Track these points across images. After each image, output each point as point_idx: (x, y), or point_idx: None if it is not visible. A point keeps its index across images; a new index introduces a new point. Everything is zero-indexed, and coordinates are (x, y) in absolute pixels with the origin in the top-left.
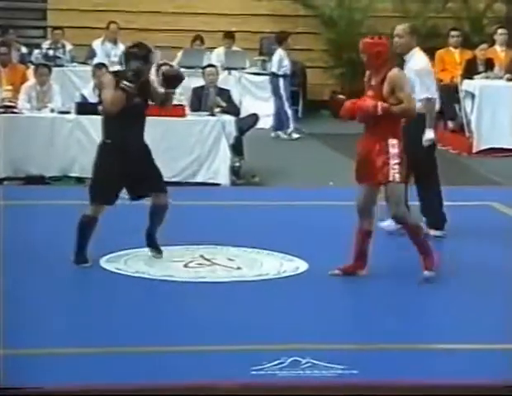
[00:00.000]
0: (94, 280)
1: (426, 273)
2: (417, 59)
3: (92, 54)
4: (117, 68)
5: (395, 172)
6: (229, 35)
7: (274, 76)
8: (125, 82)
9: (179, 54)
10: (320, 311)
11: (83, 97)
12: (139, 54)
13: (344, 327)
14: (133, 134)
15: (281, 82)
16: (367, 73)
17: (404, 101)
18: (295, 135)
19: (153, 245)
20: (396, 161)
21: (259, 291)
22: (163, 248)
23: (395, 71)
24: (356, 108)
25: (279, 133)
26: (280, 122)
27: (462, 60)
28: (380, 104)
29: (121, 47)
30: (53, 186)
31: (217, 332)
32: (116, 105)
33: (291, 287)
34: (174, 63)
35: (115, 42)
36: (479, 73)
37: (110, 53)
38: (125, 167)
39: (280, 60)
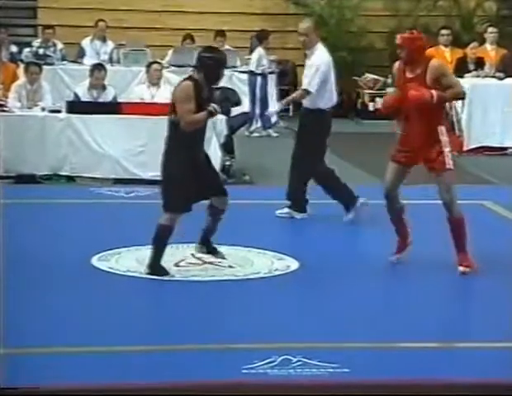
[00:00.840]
0: (86, 278)
1: (461, 268)
2: (317, 56)
3: (82, 53)
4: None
5: (449, 160)
6: (221, 34)
7: (252, 74)
8: (214, 107)
9: (169, 52)
10: (311, 309)
11: (76, 96)
12: (216, 61)
13: (335, 326)
14: (202, 142)
15: (258, 80)
16: (398, 66)
17: (452, 86)
18: (256, 134)
19: (208, 246)
20: (448, 148)
21: (250, 290)
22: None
23: (435, 61)
24: (412, 98)
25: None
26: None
27: (452, 59)
28: (435, 92)
29: (110, 45)
30: (44, 185)
31: (208, 330)
32: (198, 125)
33: (282, 286)
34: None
35: (104, 40)
36: (469, 72)
37: (99, 51)
38: (198, 174)
39: (259, 59)
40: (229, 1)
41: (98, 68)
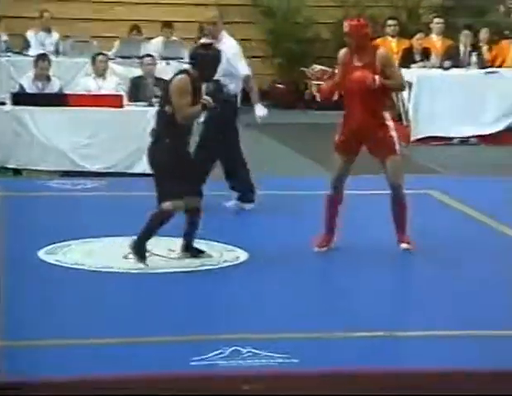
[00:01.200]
0: (33, 272)
1: (404, 245)
2: (228, 43)
3: (27, 44)
4: (53, 57)
5: (397, 144)
6: (168, 25)
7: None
8: (207, 99)
9: (116, 43)
10: (260, 300)
11: (21, 87)
12: (212, 58)
13: (285, 317)
14: (190, 136)
15: None
16: (344, 55)
17: (394, 76)
18: None
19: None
20: (394, 133)
21: (199, 281)
22: (102, 239)
23: (382, 50)
24: (356, 79)
25: None
26: None
27: (398, 49)
28: (377, 77)
29: (56, 36)
30: None
31: (157, 322)
32: (193, 119)
33: (231, 277)
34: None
35: (49, 31)
36: (416, 62)
37: (44, 42)
38: (184, 166)
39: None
40: None
41: (42, 58)
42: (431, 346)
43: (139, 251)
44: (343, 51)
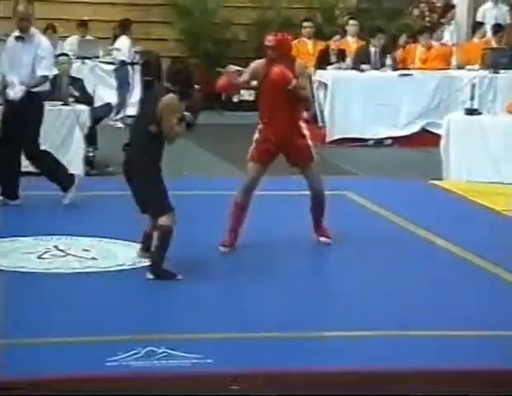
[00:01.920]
0: None
1: (323, 239)
2: (43, 39)
3: None
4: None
5: (314, 152)
6: (83, 24)
7: (123, 64)
8: (188, 116)
9: None
10: (175, 301)
11: None
12: (186, 77)
13: (199, 317)
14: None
15: (130, 70)
16: (261, 66)
17: (306, 89)
18: (120, 125)
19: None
20: (311, 142)
21: (114, 281)
22: (16, 239)
23: (300, 61)
24: (275, 75)
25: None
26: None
27: (314, 51)
28: (294, 79)
29: None
30: None
31: (70, 323)
32: (179, 137)
33: (145, 277)
34: None
35: None
36: (331, 64)
37: None
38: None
39: (129, 48)
40: None
41: None
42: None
43: (166, 273)
44: (259, 63)
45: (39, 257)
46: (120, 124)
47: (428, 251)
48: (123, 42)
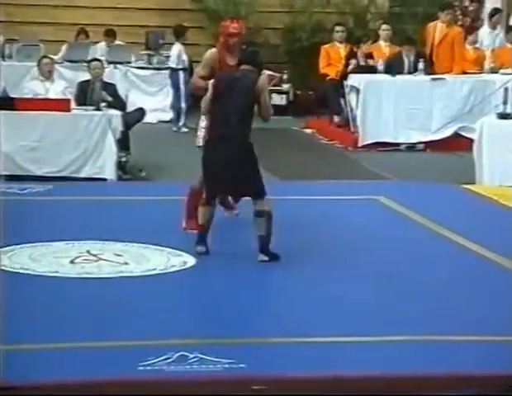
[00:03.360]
0: None
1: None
2: None
3: None
4: None
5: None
6: (110, 33)
7: (173, 70)
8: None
9: (63, 47)
10: (207, 306)
11: None
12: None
13: (231, 321)
14: None
15: (180, 76)
16: (218, 53)
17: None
18: (184, 129)
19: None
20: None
21: (146, 286)
22: (48, 244)
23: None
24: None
25: (180, 126)
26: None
27: (346, 55)
28: None
29: (0, 39)
30: None
31: (103, 327)
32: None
33: (178, 282)
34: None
35: None
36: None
37: None
38: None
39: (179, 54)
40: None
41: None
42: (373, 351)
43: (275, 256)
44: (213, 51)
45: (71, 262)
46: (185, 129)
47: (460, 255)
48: (174, 48)
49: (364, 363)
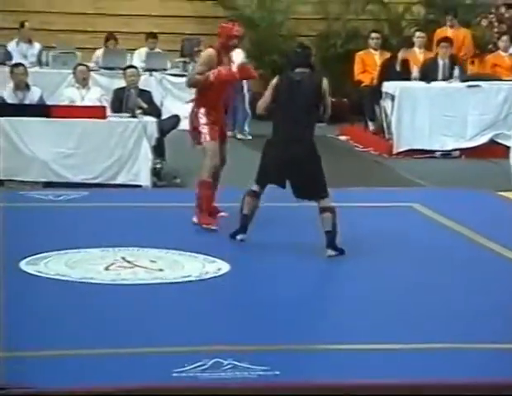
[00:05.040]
0: (13, 282)
1: (196, 220)
2: None
3: (8, 56)
4: (36, 68)
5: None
6: (153, 36)
7: None
8: None
9: (96, 54)
10: (242, 312)
11: (1, 99)
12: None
13: (266, 328)
14: None
15: (244, 82)
16: (215, 53)
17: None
18: (249, 136)
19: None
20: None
21: (181, 293)
22: (84, 250)
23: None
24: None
25: (235, 132)
26: (236, 122)
27: (384, 61)
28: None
29: (37, 47)
30: None
31: (138, 334)
32: None
33: (213, 288)
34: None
35: (30, 42)
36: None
37: (26, 53)
38: None
39: (242, 60)
40: (159, 3)
41: (16, 65)
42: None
43: (341, 250)
44: (212, 52)
45: (106, 269)
46: (249, 136)
47: (496, 263)
48: (237, 54)
49: (398, 371)
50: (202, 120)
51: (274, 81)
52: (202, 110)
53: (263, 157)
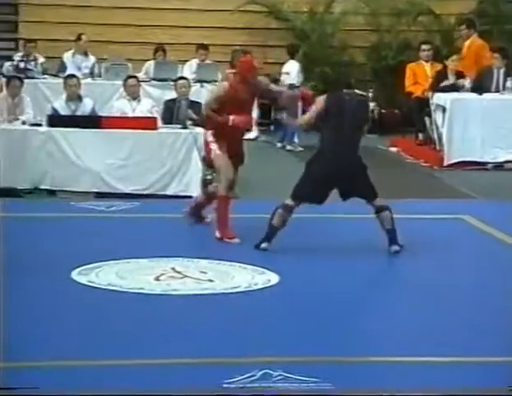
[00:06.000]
0: (66, 292)
1: (219, 234)
2: None
3: (63, 67)
4: (89, 80)
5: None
6: (203, 47)
7: (292, 87)
8: None
9: (145, 66)
10: (291, 324)
11: (54, 110)
12: None
13: (316, 340)
14: None
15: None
16: (235, 87)
17: None
18: (299, 148)
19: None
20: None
21: (231, 304)
22: (134, 261)
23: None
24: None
25: (285, 144)
26: (286, 133)
27: (432, 73)
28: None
29: (92, 59)
30: (24, 199)
31: (188, 344)
32: None
33: (262, 300)
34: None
35: (85, 54)
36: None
37: (81, 65)
38: None
39: (298, 72)
40: (210, 15)
41: (69, 77)
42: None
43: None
44: (226, 87)
45: (156, 279)
46: (300, 148)
47: None
48: (292, 66)
49: (452, 383)
50: (210, 138)
51: (322, 100)
52: (210, 132)
53: (307, 173)
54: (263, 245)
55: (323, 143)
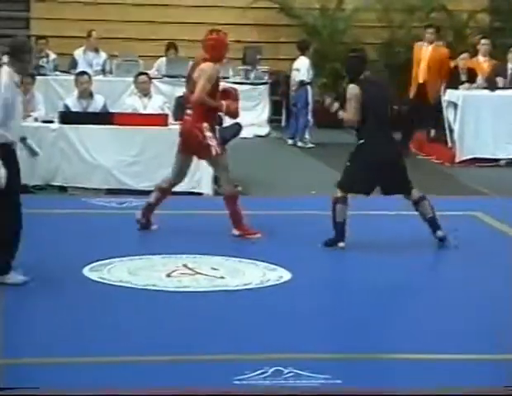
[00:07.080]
0: (77, 289)
1: (236, 232)
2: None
3: (74, 64)
4: (100, 76)
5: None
6: None
7: (303, 84)
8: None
9: (156, 63)
10: (302, 320)
11: (66, 107)
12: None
13: (327, 337)
14: None
15: (309, 89)
16: (218, 67)
17: None
18: (311, 144)
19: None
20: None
21: (242, 300)
22: (146, 257)
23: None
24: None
25: (296, 140)
26: (297, 130)
27: (434, 55)
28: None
29: (103, 55)
30: (36, 195)
31: (200, 341)
32: None
33: (273, 296)
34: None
35: (96, 51)
36: (461, 84)
37: (92, 62)
38: None
39: (308, 68)
40: (222, 12)
41: (81, 74)
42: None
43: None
44: (215, 66)
45: (168, 275)
46: (310, 144)
47: None
48: (302, 62)
49: (463, 381)
50: (208, 133)
51: (355, 90)
52: (205, 125)
53: (353, 164)
54: (341, 244)
55: (366, 132)
